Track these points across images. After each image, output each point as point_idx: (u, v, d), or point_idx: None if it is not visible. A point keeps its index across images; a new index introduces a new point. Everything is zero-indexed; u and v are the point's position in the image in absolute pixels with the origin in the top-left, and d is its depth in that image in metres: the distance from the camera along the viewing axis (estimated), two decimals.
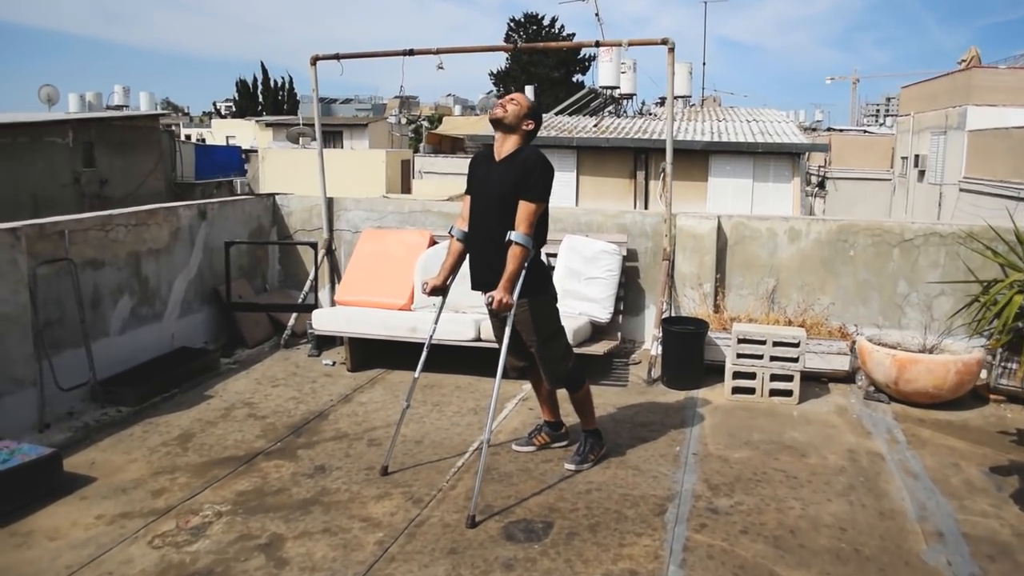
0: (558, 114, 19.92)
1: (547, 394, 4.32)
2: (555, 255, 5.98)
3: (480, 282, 3.88)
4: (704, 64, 46.44)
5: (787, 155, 15.76)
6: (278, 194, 7.35)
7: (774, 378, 5.17)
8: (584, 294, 5.78)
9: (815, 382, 5.47)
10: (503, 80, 40.94)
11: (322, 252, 6.82)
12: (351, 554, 3.29)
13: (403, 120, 46.11)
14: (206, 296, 6.31)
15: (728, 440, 4.53)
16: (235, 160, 27.53)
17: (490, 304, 3.64)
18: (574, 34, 42.95)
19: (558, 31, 41.40)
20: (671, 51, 5.75)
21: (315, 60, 6.51)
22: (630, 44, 6.13)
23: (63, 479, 3.87)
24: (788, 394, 5.16)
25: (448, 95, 66.09)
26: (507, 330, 3.77)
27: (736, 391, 5.25)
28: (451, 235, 4.05)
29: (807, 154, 17.83)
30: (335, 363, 5.92)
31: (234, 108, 48.93)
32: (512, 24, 42.10)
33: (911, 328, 5.75)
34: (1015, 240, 5.05)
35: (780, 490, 3.90)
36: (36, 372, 4.58)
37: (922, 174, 24.47)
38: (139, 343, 5.52)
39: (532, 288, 3.81)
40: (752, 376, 5.21)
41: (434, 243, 6.31)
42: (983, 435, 4.66)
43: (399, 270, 6.11)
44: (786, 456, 4.31)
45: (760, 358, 5.18)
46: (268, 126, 36.65)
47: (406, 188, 24.10)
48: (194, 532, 3.45)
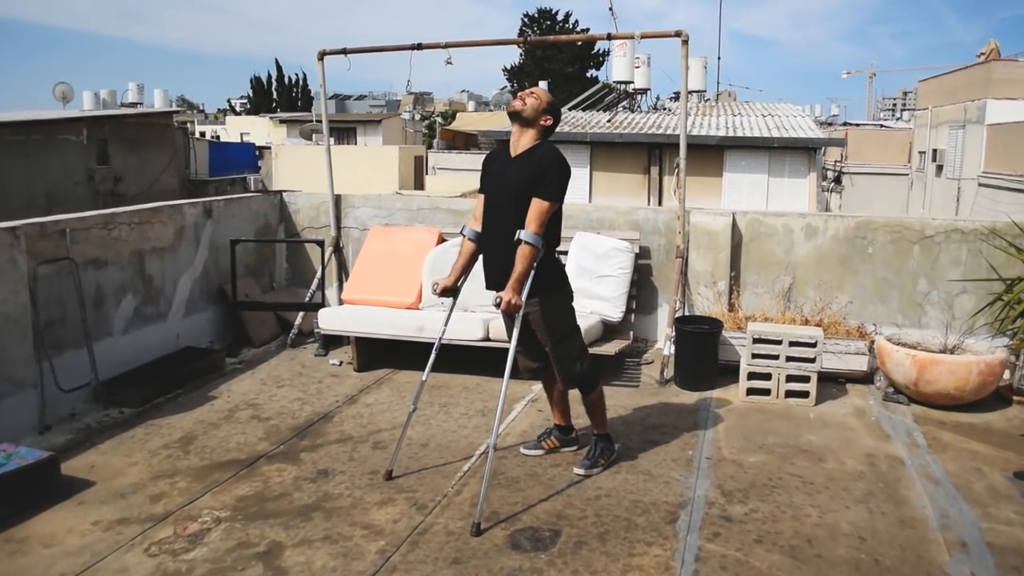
0: (571, 109, 19.80)
1: (559, 396, 4.22)
2: (566, 252, 5.84)
3: (494, 282, 3.78)
4: (719, 59, 45.96)
5: (803, 150, 15.60)
6: (285, 191, 7.27)
7: (790, 379, 5.04)
8: (595, 292, 5.66)
9: (832, 383, 5.33)
10: (517, 76, 40.84)
11: (329, 250, 6.74)
12: (351, 563, 3.19)
13: (417, 116, 46.07)
14: (212, 295, 6.23)
15: (742, 443, 4.40)
16: (249, 157, 27.51)
17: (498, 305, 3.56)
18: (588, 29, 42.79)
19: (572, 26, 41.20)
20: (685, 44, 5.62)
21: (322, 55, 6.44)
22: (643, 36, 6.04)
23: (61, 483, 3.79)
24: (804, 395, 5.03)
25: (462, 91, 65.89)
26: (515, 330, 3.67)
27: (751, 392, 5.12)
28: (463, 235, 3.95)
29: (823, 149, 17.65)
30: (342, 363, 5.83)
31: (249, 105, 48.94)
32: (526, 19, 42.04)
33: (931, 327, 5.59)
34: None
35: (796, 497, 3.77)
36: (36, 373, 4.51)
37: (940, 169, 24.19)
38: (143, 343, 5.45)
39: (545, 286, 3.72)
40: (767, 377, 5.08)
41: (443, 241, 6.21)
42: (1007, 438, 4.51)
43: (407, 268, 6.02)
44: (802, 460, 4.18)
45: (776, 358, 5.05)
46: (282, 123, 36.68)
47: (419, 184, 24.04)
48: (192, 539, 3.37)
